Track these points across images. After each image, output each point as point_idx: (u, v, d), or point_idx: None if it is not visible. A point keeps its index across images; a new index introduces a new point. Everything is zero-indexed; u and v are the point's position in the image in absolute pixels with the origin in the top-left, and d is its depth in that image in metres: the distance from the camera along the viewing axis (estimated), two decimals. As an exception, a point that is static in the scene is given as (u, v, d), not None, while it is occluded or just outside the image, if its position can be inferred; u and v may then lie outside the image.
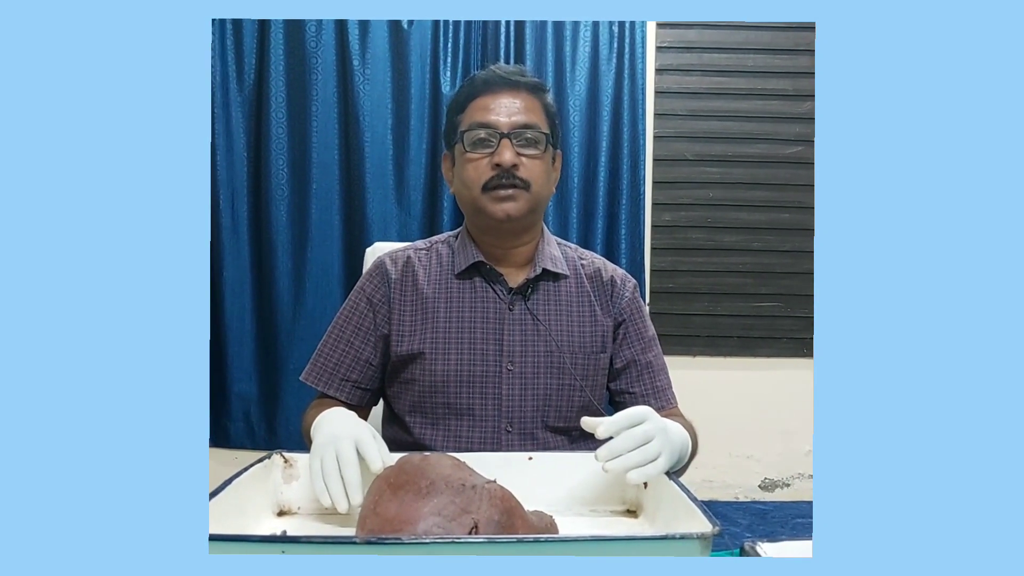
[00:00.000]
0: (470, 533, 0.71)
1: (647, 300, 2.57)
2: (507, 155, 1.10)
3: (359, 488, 0.81)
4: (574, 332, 1.17)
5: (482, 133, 1.12)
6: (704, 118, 2.62)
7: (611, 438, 0.84)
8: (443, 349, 1.13)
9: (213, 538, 0.63)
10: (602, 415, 1.15)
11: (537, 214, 1.17)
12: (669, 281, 2.64)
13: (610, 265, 1.26)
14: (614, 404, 1.24)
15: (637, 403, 1.18)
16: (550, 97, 1.19)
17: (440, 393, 1.13)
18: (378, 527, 0.72)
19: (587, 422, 0.87)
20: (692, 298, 2.66)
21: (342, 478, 0.81)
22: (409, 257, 1.21)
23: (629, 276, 1.26)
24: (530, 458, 0.92)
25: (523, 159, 1.11)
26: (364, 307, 1.18)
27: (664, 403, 1.19)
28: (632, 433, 0.83)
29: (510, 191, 1.11)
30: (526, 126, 1.12)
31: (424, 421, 1.15)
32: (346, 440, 0.84)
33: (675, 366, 1.26)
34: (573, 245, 1.28)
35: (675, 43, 2.60)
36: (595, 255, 1.27)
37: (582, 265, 1.23)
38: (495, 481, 0.79)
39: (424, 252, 1.22)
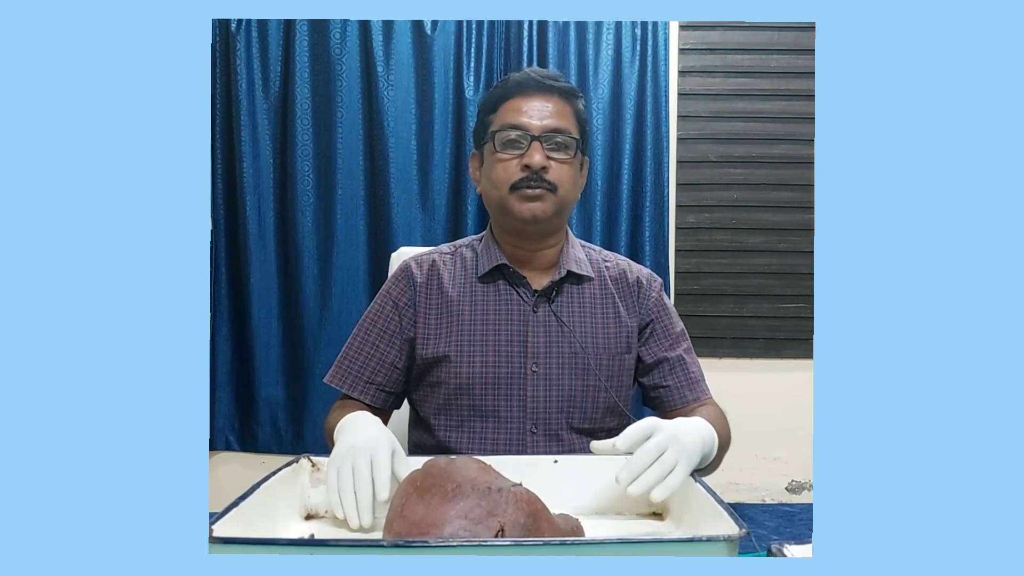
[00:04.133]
0: (496, 536, 0.72)
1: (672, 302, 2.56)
2: (536, 157, 1.10)
3: (370, 509, 0.81)
4: (598, 333, 1.17)
5: (513, 134, 1.13)
6: (728, 120, 2.60)
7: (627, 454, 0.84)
8: (468, 352, 1.14)
9: (241, 541, 0.64)
10: (626, 416, 1.15)
11: (562, 217, 1.17)
12: (694, 283, 2.63)
13: (635, 266, 1.26)
14: (649, 401, 1.23)
15: (672, 396, 1.18)
16: (582, 104, 1.19)
17: (466, 395, 1.13)
18: (404, 530, 0.73)
19: (597, 447, 0.86)
20: (717, 300, 2.64)
21: (355, 495, 0.82)
22: (434, 261, 1.22)
23: (655, 276, 1.26)
24: (555, 461, 0.93)
25: (552, 162, 1.12)
26: (390, 310, 1.19)
27: (699, 394, 1.19)
28: (646, 448, 0.82)
29: (537, 191, 1.11)
30: (557, 130, 1.13)
31: (450, 423, 1.15)
32: (363, 454, 0.84)
33: (701, 368, 1.26)
34: (596, 247, 1.28)
35: (698, 45, 2.59)
36: (619, 257, 1.27)
37: (606, 267, 1.23)
38: (521, 484, 0.79)
39: (449, 256, 1.23)
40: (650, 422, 0.86)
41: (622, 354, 1.18)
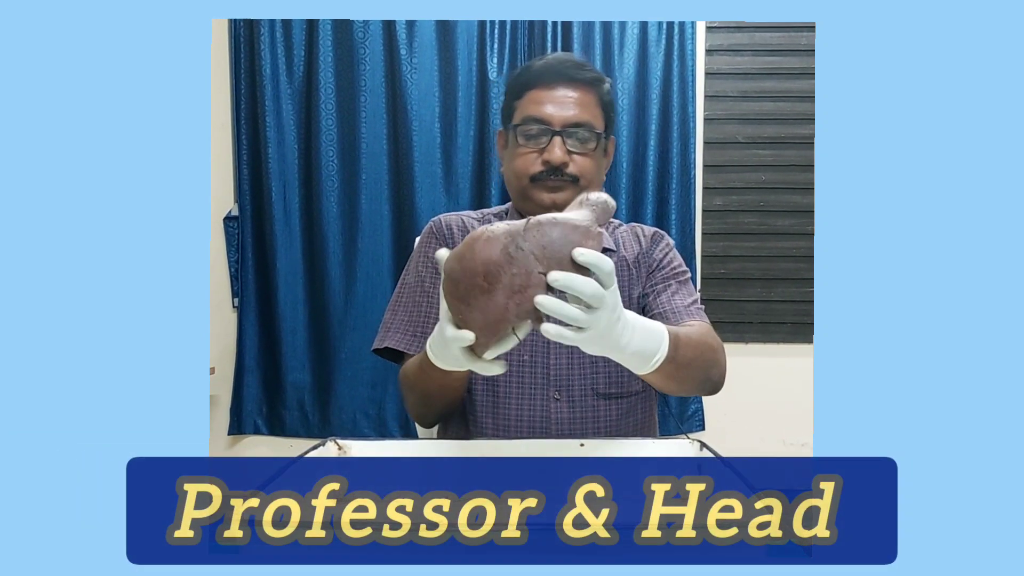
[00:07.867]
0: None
1: (698, 287, 2.53)
2: (557, 153, 1.11)
3: None
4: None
5: (535, 128, 1.13)
6: (756, 99, 2.56)
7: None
8: None
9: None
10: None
11: None
12: (721, 267, 2.60)
13: (642, 226, 1.28)
14: None
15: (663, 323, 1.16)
16: (608, 86, 1.18)
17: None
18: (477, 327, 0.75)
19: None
20: (744, 284, 2.61)
21: None
22: (463, 221, 1.24)
23: (656, 229, 1.28)
24: (581, 444, 0.92)
25: (573, 156, 1.12)
26: (432, 268, 1.20)
27: (676, 321, 1.15)
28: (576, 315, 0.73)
29: (558, 184, 1.13)
30: (578, 124, 1.12)
31: (474, 389, 1.17)
32: None
33: (728, 353, 1.24)
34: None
35: (725, 23, 2.55)
36: (627, 224, 1.29)
37: (620, 234, 1.26)
38: (534, 217, 0.75)
39: (477, 221, 1.25)
40: (600, 293, 0.75)
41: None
